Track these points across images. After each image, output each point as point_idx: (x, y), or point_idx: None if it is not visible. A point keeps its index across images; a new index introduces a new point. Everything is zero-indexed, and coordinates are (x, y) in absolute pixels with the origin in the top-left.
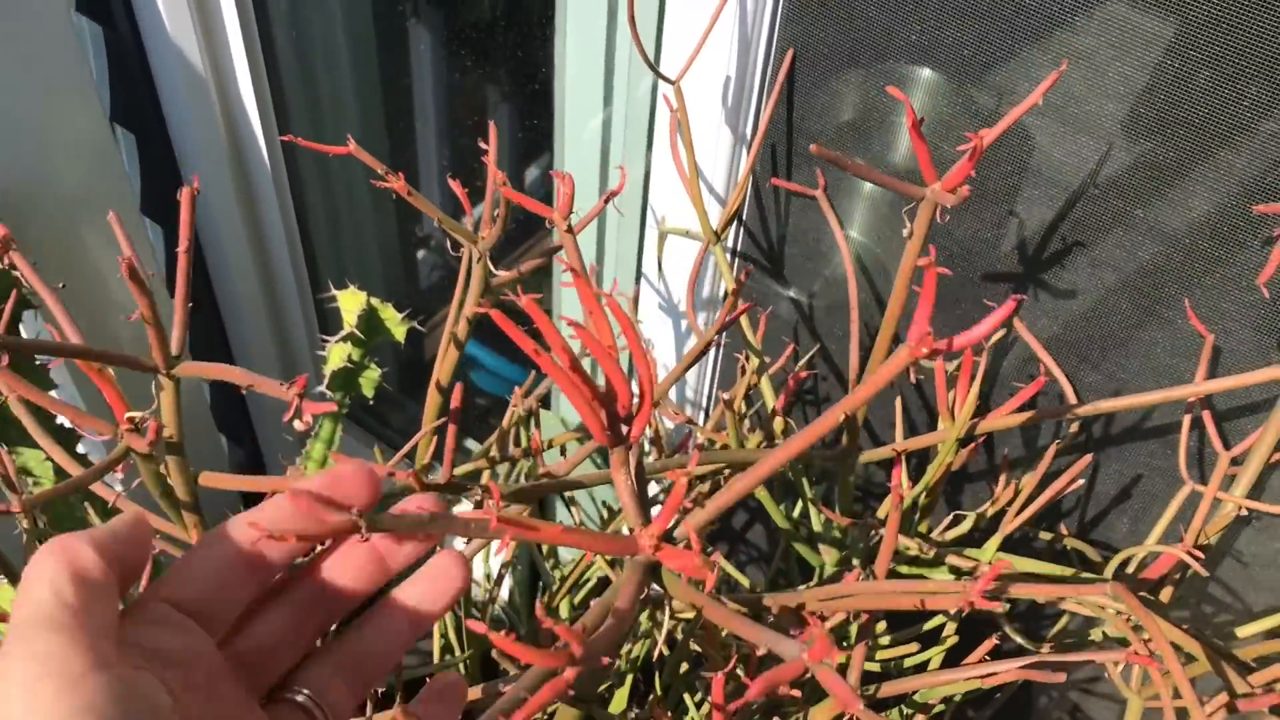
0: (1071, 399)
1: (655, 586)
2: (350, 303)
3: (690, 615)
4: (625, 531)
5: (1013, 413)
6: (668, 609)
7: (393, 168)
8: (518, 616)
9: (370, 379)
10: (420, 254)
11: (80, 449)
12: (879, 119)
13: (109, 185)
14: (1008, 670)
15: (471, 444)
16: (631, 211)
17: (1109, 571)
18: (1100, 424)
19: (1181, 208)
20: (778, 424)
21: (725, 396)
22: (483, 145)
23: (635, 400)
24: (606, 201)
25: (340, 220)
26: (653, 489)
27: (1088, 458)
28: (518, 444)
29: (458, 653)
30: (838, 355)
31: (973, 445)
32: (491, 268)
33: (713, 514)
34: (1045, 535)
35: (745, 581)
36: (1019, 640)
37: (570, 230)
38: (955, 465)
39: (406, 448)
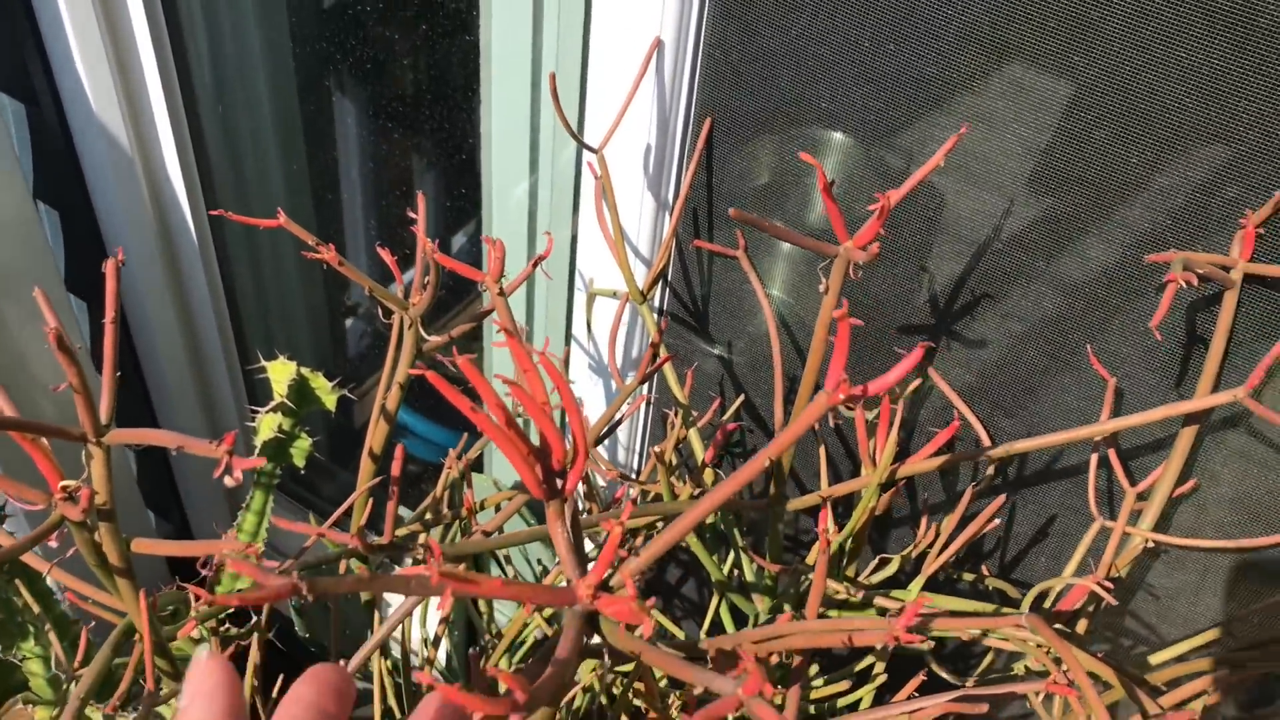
0: (986, 442)
1: (596, 638)
2: (280, 373)
3: (629, 669)
4: (562, 583)
5: (930, 456)
6: (607, 659)
7: (322, 238)
8: (456, 679)
9: (301, 448)
10: (349, 322)
11: (7, 527)
12: (794, 180)
13: (33, 261)
14: (934, 704)
15: (404, 511)
16: (560, 275)
17: (1025, 605)
18: (1015, 468)
19: (1081, 259)
20: (707, 475)
21: (656, 450)
22: (411, 214)
23: (570, 454)
24: (535, 265)
25: (268, 291)
26: (589, 547)
27: (1002, 498)
28: (451, 506)
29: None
30: (763, 408)
31: (893, 489)
32: (423, 333)
33: (647, 561)
34: (968, 576)
35: (681, 634)
36: (946, 677)
37: (502, 293)
38: (879, 510)
39: (341, 509)
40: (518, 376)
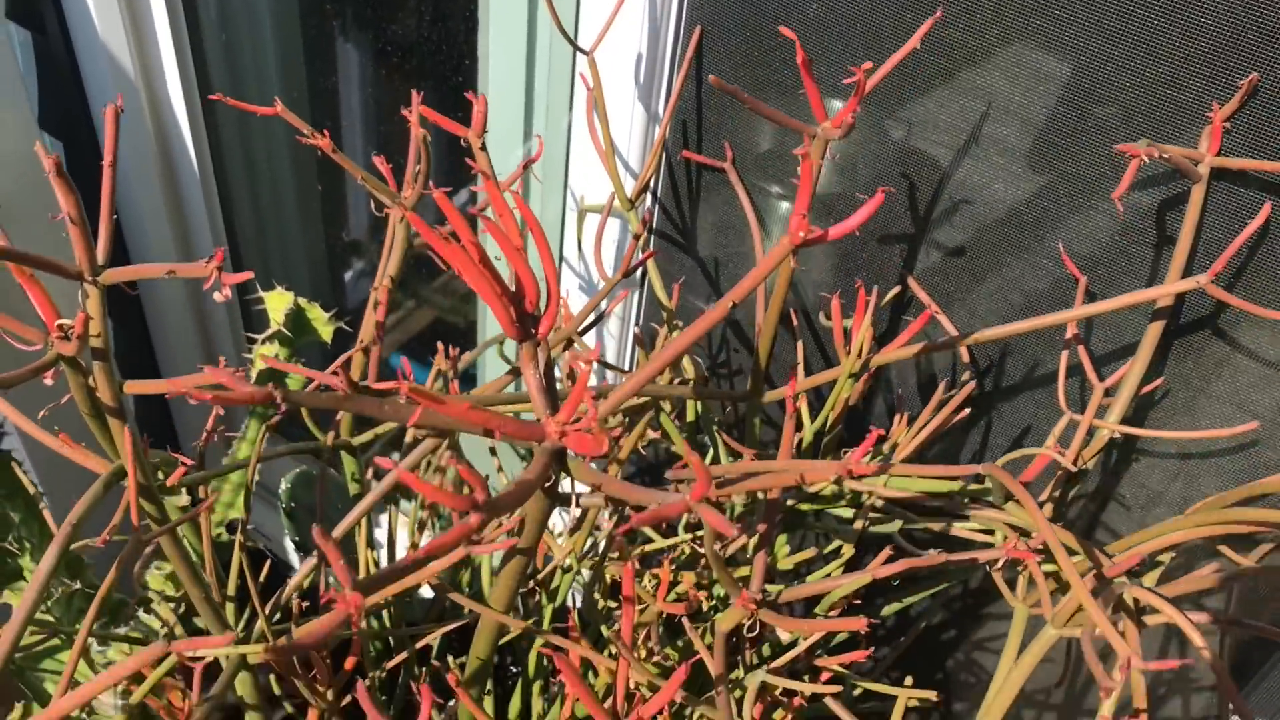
0: (953, 332)
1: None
2: (277, 303)
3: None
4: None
5: (904, 346)
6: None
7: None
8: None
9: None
10: (347, 262)
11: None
12: (781, 94)
13: (37, 193)
14: (895, 566)
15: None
16: (553, 193)
17: (996, 494)
18: (991, 379)
19: (1053, 165)
20: (686, 362)
21: (637, 330)
22: (405, 114)
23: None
24: (525, 167)
25: (267, 226)
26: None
27: (972, 384)
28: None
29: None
30: (748, 327)
31: (866, 377)
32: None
33: (613, 405)
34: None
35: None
36: (909, 548)
37: (484, 147)
38: (852, 399)
39: (338, 362)
40: (495, 221)
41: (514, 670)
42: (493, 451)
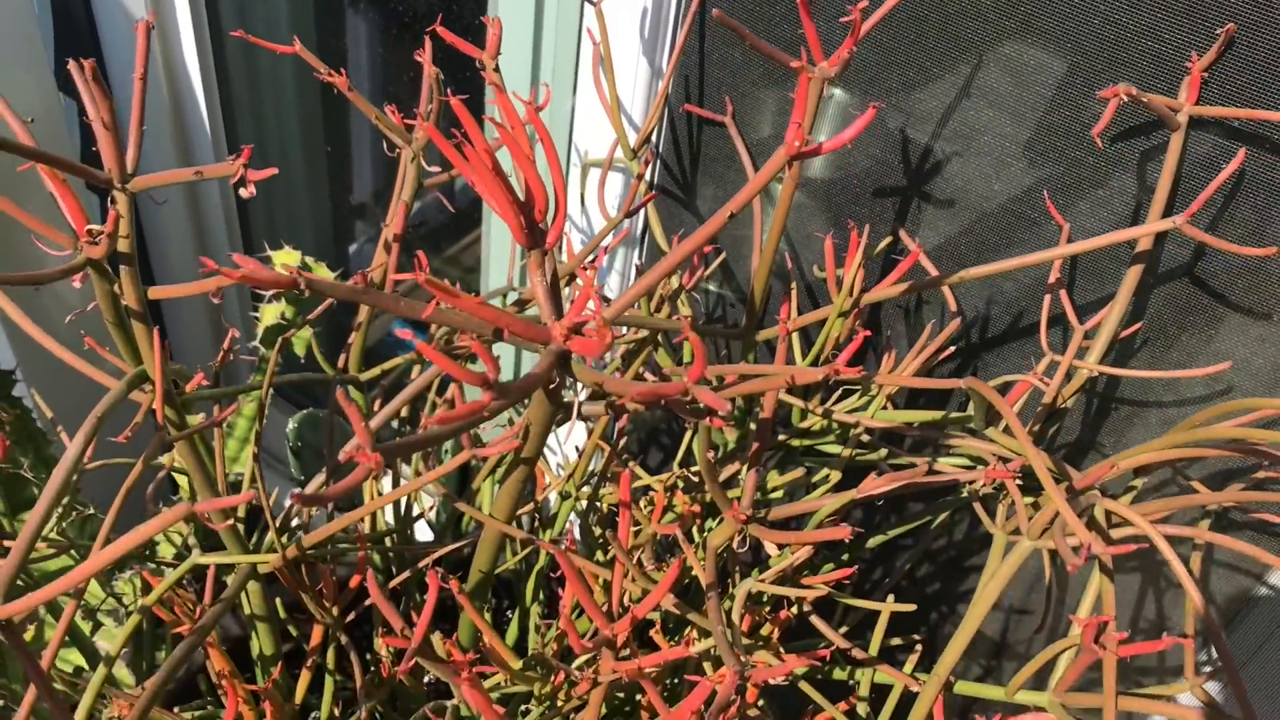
0: (934, 273)
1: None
2: (285, 261)
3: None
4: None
5: (893, 284)
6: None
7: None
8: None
9: (303, 338)
10: (352, 227)
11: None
12: (785, 47)
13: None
14: (878, 484)
15: None
16: (558, 147)
17: (977, 414)
18: (978, 331)
19: (1038, 118)
20: (684, 303)
21: (638, 263)
22: (418, 58)
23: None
24: (537, 111)
25: (275, 189)
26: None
27: (956, 323)
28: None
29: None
30: (744, 281)
31: (855, 313)
32: (425, 166)
33: (618, 310)
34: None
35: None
36: (893, 469)
37: (497, 69)
38: (842, 336)
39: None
40: (506, 129)
41: (509, 616)
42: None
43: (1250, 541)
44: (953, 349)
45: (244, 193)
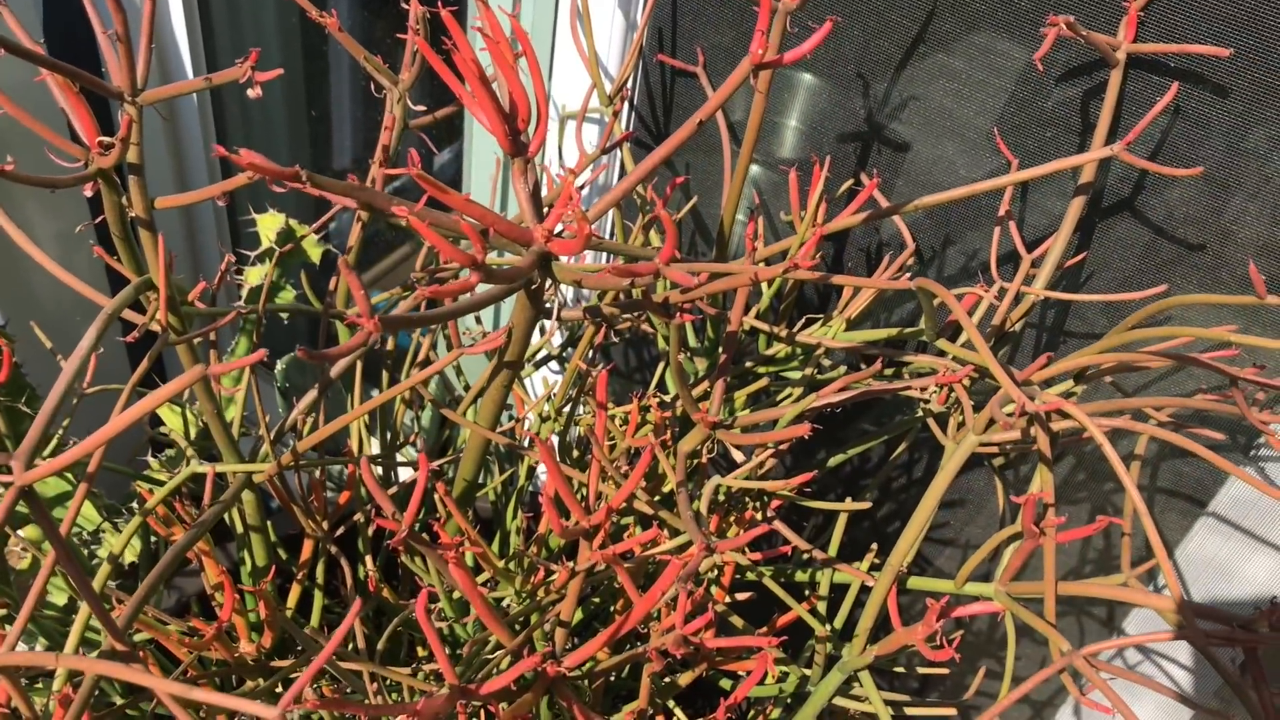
0: (885, 204)
1: None
2: (269, 224)
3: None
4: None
5: (852, 215)
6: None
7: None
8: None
9: (286, 298)
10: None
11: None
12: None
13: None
14: (832, 390)
15: None
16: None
17: (928, 318)
18: (934, 267)
19: (984, 53)
20: (655, 235)
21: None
22: (404, 4)
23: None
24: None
25: (258, 148)
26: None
27: (912, 246)
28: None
29: None
30: (710, 218)
31: (815, 238)
32: (411, 106)
33: (600, 210)
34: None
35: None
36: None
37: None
38: (802, 263)
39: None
40: (489, 37)
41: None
42: None
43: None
44: (907, 276)
45: (251, 93)
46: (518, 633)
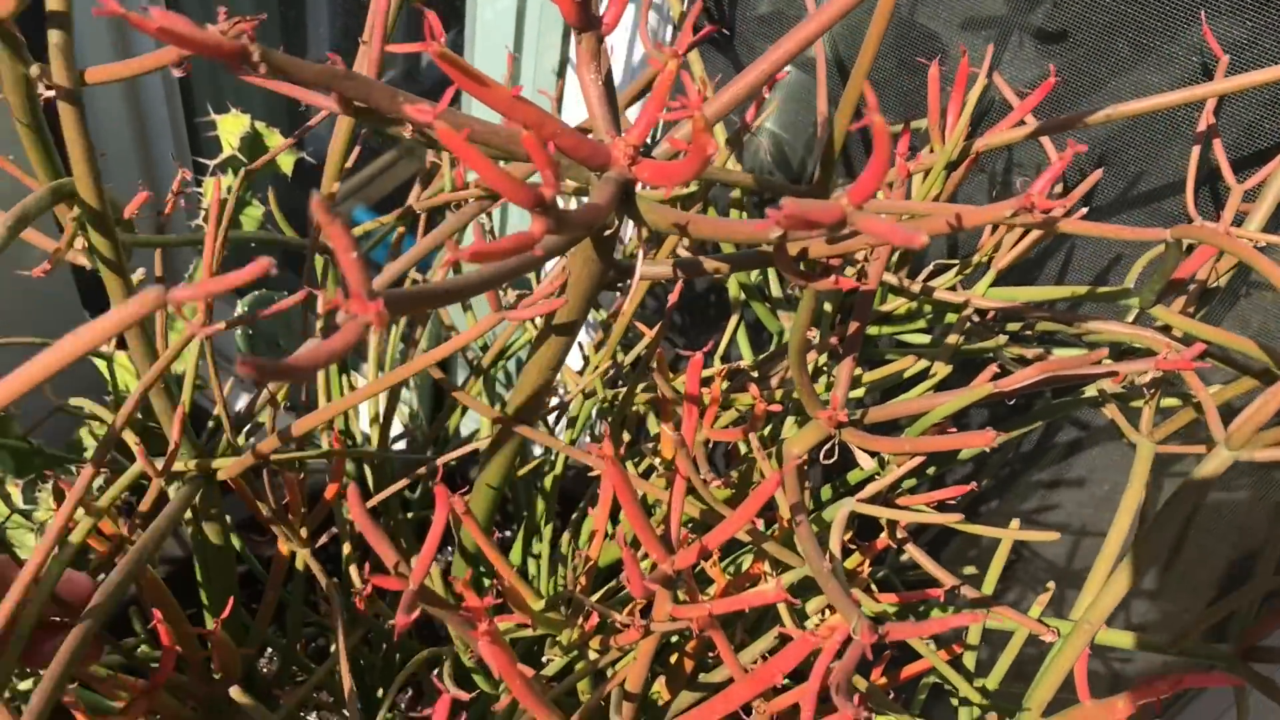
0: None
1: None
2: (231, 126)
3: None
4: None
5: (1012, 128)
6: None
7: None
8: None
9: (253, 216)
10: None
11: None
12: None
13: None
14: (1025, 375)
15: None
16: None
17: (1132, 278)
18: (1103, 198)
19: None
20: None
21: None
22: None
23: None
24: None
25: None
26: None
27: (1097, 175)
28: None
29: None
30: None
31: (968, 163)
32: None
33: (720, 110)
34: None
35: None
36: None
37: None
38: (948, 191)
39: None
40: None
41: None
42: None
43: None
44: (1085, 210)
45: None
46: (568, 711)
